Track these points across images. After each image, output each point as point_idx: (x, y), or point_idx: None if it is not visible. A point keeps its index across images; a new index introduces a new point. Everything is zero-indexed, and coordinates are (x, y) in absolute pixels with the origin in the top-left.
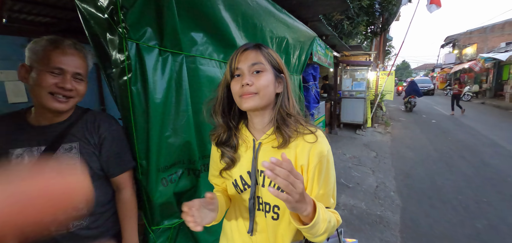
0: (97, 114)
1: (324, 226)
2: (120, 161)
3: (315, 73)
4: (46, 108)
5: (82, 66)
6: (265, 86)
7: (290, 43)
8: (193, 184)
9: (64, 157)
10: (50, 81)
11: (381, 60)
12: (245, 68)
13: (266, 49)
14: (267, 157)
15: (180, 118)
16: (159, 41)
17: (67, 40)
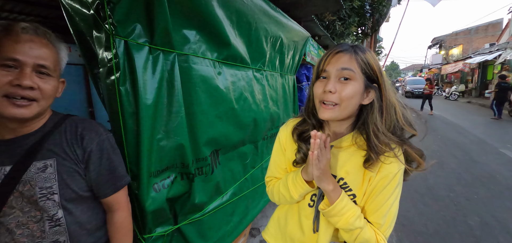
0: (79, 121)
1: (344, 223)
2: (113, 177)
3: (309, 74)
4: (4, 117)
5: (47, 56)
6: (349, 97)
7: (285, 43)
8: (187, 189)
9: (36, 178)
10: (3, 79)
11: None
12: (332, 71)
13: (363, 54)
14: (340, 161)
15: (173, 120)
16: (150, 38)
17: (23, 23)
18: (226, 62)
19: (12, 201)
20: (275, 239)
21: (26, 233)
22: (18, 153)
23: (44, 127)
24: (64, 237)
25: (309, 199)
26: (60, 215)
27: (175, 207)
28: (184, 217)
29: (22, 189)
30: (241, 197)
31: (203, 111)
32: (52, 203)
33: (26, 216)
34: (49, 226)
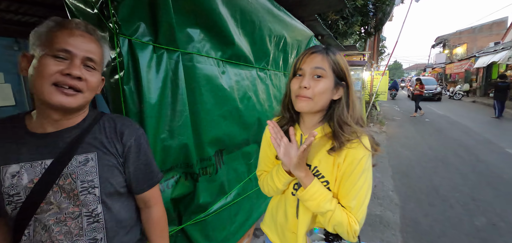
0: (116, 117)
1: (316, 207)
2: (150, 172)
3: None
4: (50, 105)
5: (95, 51)
6: (321, 93)
7: (288, 42)
8: (191, 189)
9: (78, 172)
10: (54, 68)
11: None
12: (307, 70)
13: (333, 56)
14: (313, 152)
15: (177, 119)
16: (154, 37)
17: (76, 19)
18: (230, 61)
19: (51, 197)
20: (269, 229)
21: (63, 230)
22: (60, 146)
23: (84, 122)
24: (101, 234)
25: (292, 188)
26: (99, 210)
27: (179, 207)
28: (188, 217)
29: (62, 183)
30: (245, 197)
31: (207, 111)
32: (92, 197)
33: (63, 212)
34: (87, 223)
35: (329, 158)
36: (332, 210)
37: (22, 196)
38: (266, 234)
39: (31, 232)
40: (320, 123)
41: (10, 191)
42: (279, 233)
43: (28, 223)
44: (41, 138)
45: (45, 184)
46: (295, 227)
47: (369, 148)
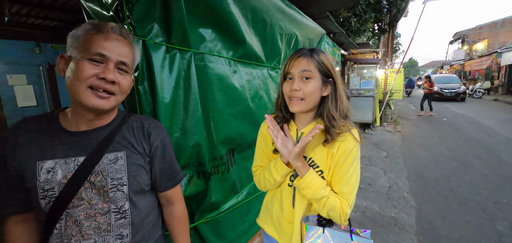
0: (144, 119)
1: (312, 194)
2: (173, 171)
3: None
4: (85, 107)
5: (127, 54)
6: (311, 93)
7: (300, 40)
8: (203, 187)
9: (108, 169)
10: (90, 72)
11: (389, 58)
12: (295, 73)
13: (317, 56)
14: (310, 144)
15: (189, 118)
16: (167, 37)
17: (112, 23)
18: (241, 61)
19: (82, 193)
20: (265, 222)
21: (93, 225)
22: (92, 144)
23: (113, 122)
24: (127, 230)
25: (288, 180)
26: (126, 207)
27: (192, 205)
28: (200, 216)
29: (93, 180)
30: (256, 197)
31: (219, 110)
32: (121, 194)
33: (93, 208)
34: (115, 219)
35: (323, 149)
36: (327, 196)
37: (56, 191)
38: (263, 228)
39: (62, 226)
40: (314, 119)
41: (45, 186)
42: (275, 224)
43: (59, 217)
44: (75, 136)
45: (78, 180)
46: (292, 217)
47: (358, 139)
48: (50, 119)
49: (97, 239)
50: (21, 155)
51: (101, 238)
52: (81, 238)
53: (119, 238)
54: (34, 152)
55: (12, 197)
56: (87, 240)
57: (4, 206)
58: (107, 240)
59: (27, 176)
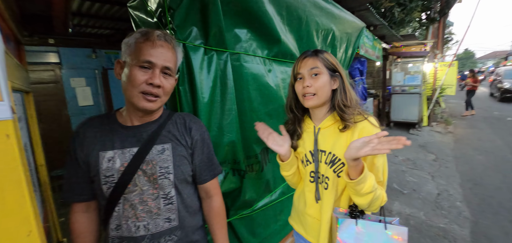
0: (185, 115)
1: (369, 188)
2: (211, 164)
3: (362, 68)
4: (137, 107)
5: (171, 59)
6: (322, 87)
7: (337, 36)
8: (238, 185)
9: (157, 159)
10: (141, 78)
11: (440, 50)
12: (305, 72)
13: (322, 55)
14: (327, 139)
15: (226, 117)
16: (204, 39)
17: (157, 31)
18: (276, 59)
19: (136, 179)
20: (294, 220)
21: (145, 209)
22: (143, 137)
23: (160, 118)
24: (174, 214)
25: (309, 176)
26: (173, 194)
27: (227, 202)
28: (235, 212)
29: (145, 168)
30: (289, 197)
31: (254, 109)
32: (167, 181)
33: (145, 194)
34: (163, 204)
35: (342, 143)
36: (377, 187)
37: (115, 177)
38: (293, 226)
39: (120, 208)
40: (329, 112)
41: (106, 173)
42: (302, 221)
43: (118, 201)
44: (129, 130)
45: (132, 167)
46: (317, 212)
47: (377, 125)
48: (109, 117)
49: (149, 221)
50: (87, 148)
51: (153, 221)
52: (136, 219)
53: (167, 221)
54: (97, 144)
55: (80, 186)
56: (141, 221)
57: (74, 194)
58: (157, 223)
59: (92, 164)
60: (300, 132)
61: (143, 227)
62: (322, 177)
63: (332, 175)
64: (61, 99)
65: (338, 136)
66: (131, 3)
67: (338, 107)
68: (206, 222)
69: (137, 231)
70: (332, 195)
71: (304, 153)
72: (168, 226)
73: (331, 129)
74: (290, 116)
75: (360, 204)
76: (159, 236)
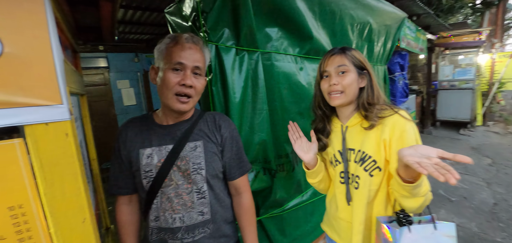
0: (215, 114)
1: (425, 189)
2: (240, 161)
3: (403, 62)
4: (172, 109)
5: (200, 59)
6: (349, 85)
7: (374, 29)
8: (269, 184)
9: (190, 155)
10: (174, 80)
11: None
12: (332, 70)
13: (349, 52)
14: (355, 137)
15: (257, 116)
16: (236, 40)
17: (185, 34)
18: (308, 57)
19: (171, 174)
20: (327, 226)
21: (181, 202)
22: (177, 135)
23: (192, 117)
24: (207, 208)
25: (339, 177)
26: (205, 189)
27: (258, 200)
28: (266, 211)
29: (179, 164)
30: (321, 198)
31: (285, 108)
32: (200, 177)
33: (180, 188)
34: (197, 198)
35: (371, 139)
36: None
37: (153, 172)
38: (325, 231)
39: (158, 201)
40: (355, 110)
41: (146, 168)
42: (334, 225)
43: (156, 194)
44: (165, 129)
45: (168, 163)
46: (348, 215)
47: (409, 118)
48: (147, 118)
49: (184, 214)
50: (129, 145)
51: (187, 214)
52: (172, 212)
53: (201, 214)
54: (138, 142)
55: (124, 181)
56: (177, 214)
57: (118, 187)
58: (191, 215)
59: (133, 161)
60: (329, 129)
61: (179, 219)
62: (352, 176)
63: (363, 174)
64: (109, 100)
65: (367, 132)
66: (168, 9)
67: (361, 106)
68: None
69: (173, 223)
70: (364, 196)
71: (332, 153)
72: (201, 219)
73: (359, 126)
74: (318, 114)
75: (411, 207)
76: (193, 228)
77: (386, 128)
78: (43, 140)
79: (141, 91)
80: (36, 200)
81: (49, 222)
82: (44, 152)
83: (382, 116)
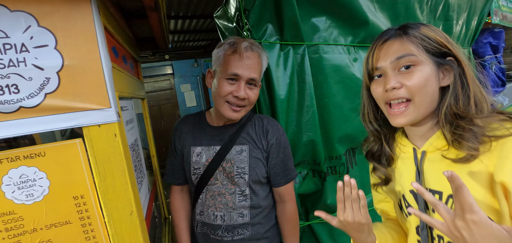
0: (264, 118)
1: None
2: (286, 169)
3: (497, 42)
4: (222, 115)
5: (256, 69)
6: (421, 86)
7: (452, 3)
8: (318, 187)
9: (235, 159)
10: (228, 89)
11: None
12: (387, 66)
13: (416, 30)
14: (437, 169)
15: (304, 114)
16: (280, 35)
17: (245, 42)
18: (363, 46)
19: (217, 174)
20: None
21: (223, 201)
22: (225, 138)
23: (241, 120)
24: (247, 211)
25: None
26: (247, 192)
27: (307, 203)
28: (316, 216)
29: (225, 165)
30: None
31: (337, 105)
32: (243, 181)
33: (224, 188)
34: (238, 200)
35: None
36: None
37: (201, 170)
38: None
39: (204, 197)
40: (437, 125)
41: (195, 165)
42: None
43: (202, 190)
44: (215, 130)
45: (215, 163)
46: None
47: None
48: (200, 117)
49: (225, 212)
50: (183, 141)
51: (228, 213)
52: (215, 209)
53: (241, 216)
54: (190, 139)
55: (178, 172)
56: (219, 211)
57: (173, 178)
58: (232, 216)
59: (185, 156)
60: (391, 154)
61: (220, 217)
62: (438, 239)
63: None
64: (175, 103)
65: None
66: (216, 13)
67: (445, 120)
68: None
69: (215, 220)
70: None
71: (402, 193)
72: (241, 220)
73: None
74: (371, 130)
75: None
76: (233, 228)
77: (506, 163)
78: (97, 140)
79: (200, 94)
80: (94, 192)
81: (103, 212)
82: (97, 150)
83: (493, 135)
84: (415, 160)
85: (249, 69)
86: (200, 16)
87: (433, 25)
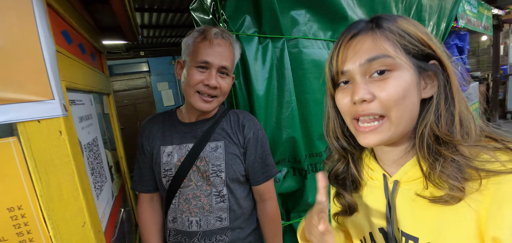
0: (240, 113)
1: None
2: (265, 165)
3: (462, 44)
4: (194, 108)
5: (228, 58)
6: (399, 100)
7: (424, 4)
8: (300, 185)
9: (210, 156)
10: (197, 78)
11: None
12: (355, 70)
13: (392, 24)
14: (413, 208)
15: (284, 111)
16: (258, 28)
17: (215, 28)
18: None
19: (191, 175)
20: None
21: (198, 204)
22: (198, 134)
23: (215, 115)
24: (225, 214)
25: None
26: (225, 192)
27: (288, 203)
28: (297, 215)
29: (199, 164)
30: None
31: (317, 101)
32: (219, 180)
33: (199, 190)
34: (215, 201)
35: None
36: None
37: (173, 171)
38: None
39: (176, 202)
40: (413, 149)
41: (165, 166)
42: None
43: (175, 194)
44: (187, 126)
45: (188, 163)
46: None
47: None
48: (170, 114)
49: (201, 217)
50: (152, 141)
51: (205, 218)
52: (189, 214)
53: (219, 220)
54: (159, 138)
55: (147, 178)
56: (194, 216)
57: (141, 184)
58: (209, 220)
59: (154, 157)
60: (358, 179)
61: (196, 223)
62: None
63: None
64: (151, 101)
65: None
66: (191, 6)
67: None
68: None
69: (190, 226)
70: None
71: (368, 230)
72: (219, 225)
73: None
74: (336, 148)
75: None
76: (211, 234)
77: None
78: (36, 138)
79: (179, 92)
80: (35, 202)
81: (48, 225)
82: (37, 151)
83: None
84: (385, 191)
85: (220, 57)
86: (176, 10)
87: (411, 18)
